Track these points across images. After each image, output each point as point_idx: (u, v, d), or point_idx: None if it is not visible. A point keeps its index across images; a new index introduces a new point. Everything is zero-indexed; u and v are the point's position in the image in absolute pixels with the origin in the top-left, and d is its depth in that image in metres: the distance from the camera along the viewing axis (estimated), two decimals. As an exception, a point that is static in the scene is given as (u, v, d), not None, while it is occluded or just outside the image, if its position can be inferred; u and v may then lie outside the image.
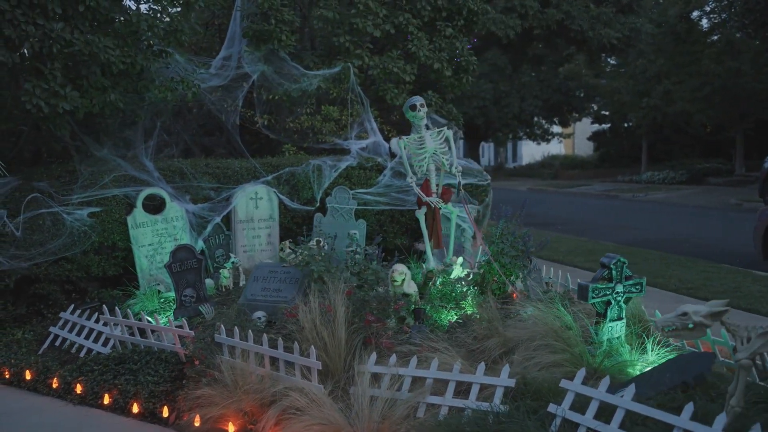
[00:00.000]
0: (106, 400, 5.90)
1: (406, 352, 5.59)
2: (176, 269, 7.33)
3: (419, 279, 7.47)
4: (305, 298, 6.05)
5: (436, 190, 7.59)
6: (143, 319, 6.54)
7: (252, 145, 11.63)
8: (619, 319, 5.54)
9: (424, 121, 7.57)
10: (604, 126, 44.98)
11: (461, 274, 7.18)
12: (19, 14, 6.67)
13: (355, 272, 6.77)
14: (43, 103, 6.93)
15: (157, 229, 8.27)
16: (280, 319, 6.32)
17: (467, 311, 6.48)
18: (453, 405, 4.98)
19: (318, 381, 5.28)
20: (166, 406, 5.66)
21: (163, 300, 7.78)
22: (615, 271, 5.50)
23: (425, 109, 7.56)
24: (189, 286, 7.37)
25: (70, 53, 7.13)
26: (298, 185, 9.26)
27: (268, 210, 8.94)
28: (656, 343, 5.52)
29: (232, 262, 8.27)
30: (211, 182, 8.87)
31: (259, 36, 10.13)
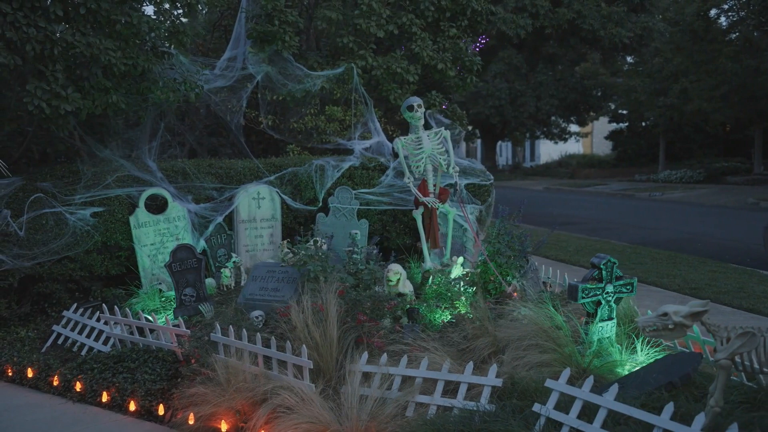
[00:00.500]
0: (104, 397, 5.96)
1: (398, 351, 5.61)
2: (176, 268, 7.40)
3: (419, 279, 7.49)
4: (301, 298, 6.09)
5: (433, 190, 7.60)
6: (141, 318, 6.61)
7: (258, 145, 11.70)
8: (610, 319, 5.53)
9: (422, 122, 7.58)
10: (621, 125, 44.68)
11: (461, 274, 7.19)
12: (20, 17, 6.75)
13: (352, 272, 6.80)
14: (45, 105, 7.01)
15: (160, 229, 8.35)
16: (273, 319, 6.37)
17: (461, 311, 6.49)
18: (441, 404, 4.99)
19: (310, 380, 5.31)
20: (162, 404, 5.71)
21: (164, 299, 7.86)
22: (605, 272, 5.48)
23: (422, 110, 7.58)
24: (189, 286, 7.43)
25: (72, 55, 7.21)
26: (300, 185, 9.30)
27: (271, 210, 8.99)
28: (646, 344, 5.50)
29: (234, 262, 8.34)
30: (214, 182, 8.92)
31: (263, 37, 10.18)
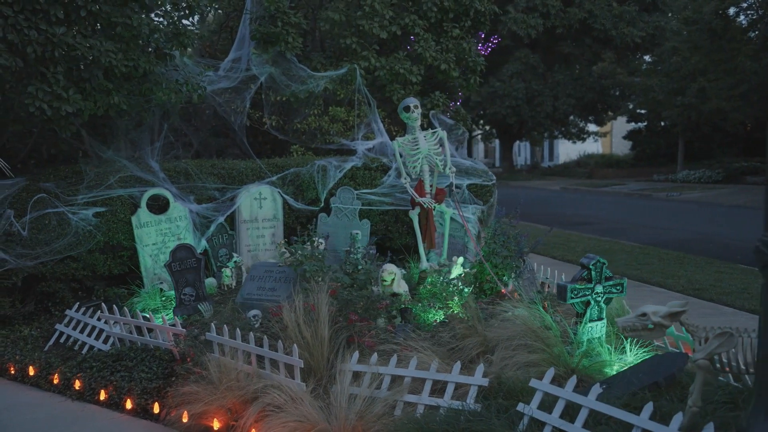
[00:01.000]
0: (102, 396, 6.02)
1: (389, 351, 5.63)
2: (176, 268, 7.46)
3: (417, 279, 7.51)
4: (293, 298, 6.12)
5: (430, 190, 7.62)
6: (139, 317, 6.68)
7: (265, 145, 11.78)
8: (600, 319, 5.51)
9: (418, 122, 7.60)
10: (640, 124, 44.34)
11: (460, 274, 7.21)
12: (21, 19, 6.83)
13: (349, 272, 6.84)
14: (46, 106, 7.09)
15: (161, 229, 8.43)
16: (266, 318, 6.41)
17: (454, 311, 6.50)
18: (428, 403, 5.01)
19: (300, 379, 5.35)
20: (157, 403, 5.76)
21: (165, 298, 7.93)
22: (594, 272, 5.47)
23: (419, 111, 7.59)
24: (188, 285, 7.50)
25: (73, 57, 7.29)
26: (302, 185, 9.35)
27: (272, 210, 9.05)
28: (635, 344, 5.49)
29: (235, 261, 8.40)
30: (217, 183, 8.99)
31: (266, 38, 10.24)
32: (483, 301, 6.62)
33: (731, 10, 29.62)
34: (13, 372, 6.77)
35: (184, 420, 5.38)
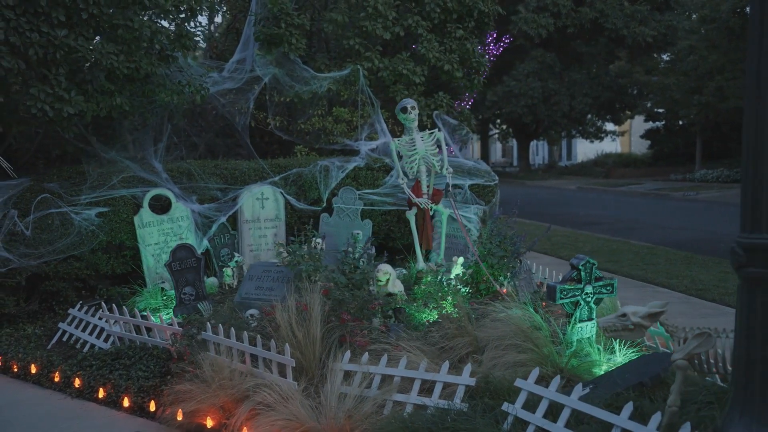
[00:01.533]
0: (101, 394, 6.08)
1: (380, 350, 5.65)
2: (176, 268, 7.54)
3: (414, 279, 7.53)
4: (287, 297, 6.16)
5: (426, 191, 7.65)
6: (137, 316, 6.76)
7: (271, 146, 11.85)
8: (590, 320, 5.51)
9: (415, 123, 7.63)
10: (657, 124, 43.94)
11: (458, 274, 7.22)
12: (23, 22, 6.93)
13: (345, 272, 6.86)
14: (48, 107, 7.19)
15: (163, 229, 8.52)
16: (263, 317, 6.46)
17: (448, 311, 6.51)
18: (416, 403, 5.04)
19: (292, 378, 5.39)
20: (154, 401, 5.82)
21: (166, 297, 8.01)
22: (584, 272, 5.46)
23: (416, 112, 7.62)
24: (188, 285, 7.57)
25: (74, 59, 7.38)
26: (305, 186, 9.40)
27: (275, 210, 9.11)
28: (623, 344, 5.48)
29: (236, 261, 8.46)
30: (219, 183, 9.06)
31: (270, 39, 10.31)
32: (477, 301, 6.63)
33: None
34: (16, 370, 6.86)
35: (179, 418, 5.43)
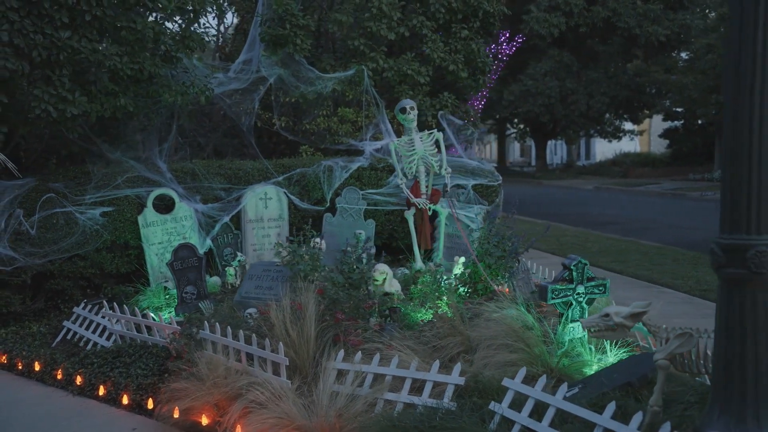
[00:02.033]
0: (101, 391, 6.14)
1: (373, 349, 5.68)
2: (178, 267, 7.61)
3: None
4: (281, 297, 6.21)
5: (425, 191, 7.67)
6: (137, 315, 6.83)
7: (279, 145, 11.91)
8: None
9: (414, 124, 7.65)
10: (676, 123, 43.55)
11: (456, 273, 7.24)
12: (27, 24, 7.02)
13: (344, 271, 6.90)
14: (52, 108, 7.27)
15: (167, 228, 8.60)
16: (258, 316, 6.51)
17: (443, 310, 6.53)
18: (407, 401, 5.06)
19: (287, 376, 5.44)
20: (152, 398, 5.88)
21: (168, 296, 8.09)
22: (576, 273, 5.46)
23: (415, 112, 7.65)
24: (190, 284, 7.64)
25: (78, 60, 7.47)
26: (308, 186, 9.44)
27: (278, 210, 9.17)
28: (614, 344, 5.47)
29: (239, 261, 8.53)
30: (223, 183, 9.13)
31: (275, 40, 10.36)
32: (473, 301, 6.63)
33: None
34: (20, 367, 6.94)
35: (176, 416, 5.48)
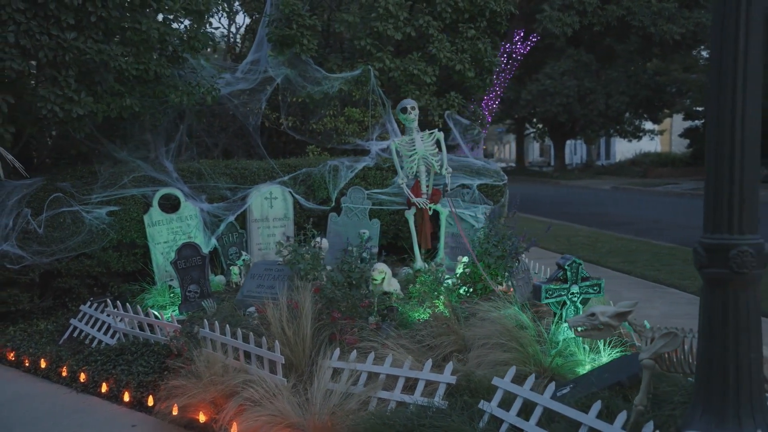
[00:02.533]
0: (104, 388, 6.22)
1: (368, 348, 5.72)
2: (181, 266, 7.68)
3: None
4: (278, 296, 6.26)
5: (426, 191, 7.68)
6: (140, 313, 6.92)
7: (288, 145, 11.97)
8: (576, 319, 5.49)
9: (415, 123, 7.66)
10: (696, 122, 43.10)
11: (457, 273, 7.26)
12: (34, 25, 7.12)
13: (344, 270, 6.94)
14: (58, 109, 7.37)
15: (173, 227, 8.67)
16: (253, 316, 6.57)
17: (440, 309, 6.55)
18: (399, 400, 5.10)
19: (283, 374, 5.48)
20: (152, 395, 5.95)
21: (173, 295, 8.16)
22: (570, 272, 5.47)
23: (416, 112, 7.67)
24: (193, 283, 7.71)
25: (83, 61, 7.56)
26: (314, 185, 9.48)
27: (283, 209, 9.22)
28: (607, 344, 5.46)
29: (243, 260, 8.59)
30: (229, 183, 9.19)
31: (282, 40, 10.42)
32: (470, 300, 6.64)
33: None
34: (27, 364, 7.04)
35: (174, 413, 5.54)
